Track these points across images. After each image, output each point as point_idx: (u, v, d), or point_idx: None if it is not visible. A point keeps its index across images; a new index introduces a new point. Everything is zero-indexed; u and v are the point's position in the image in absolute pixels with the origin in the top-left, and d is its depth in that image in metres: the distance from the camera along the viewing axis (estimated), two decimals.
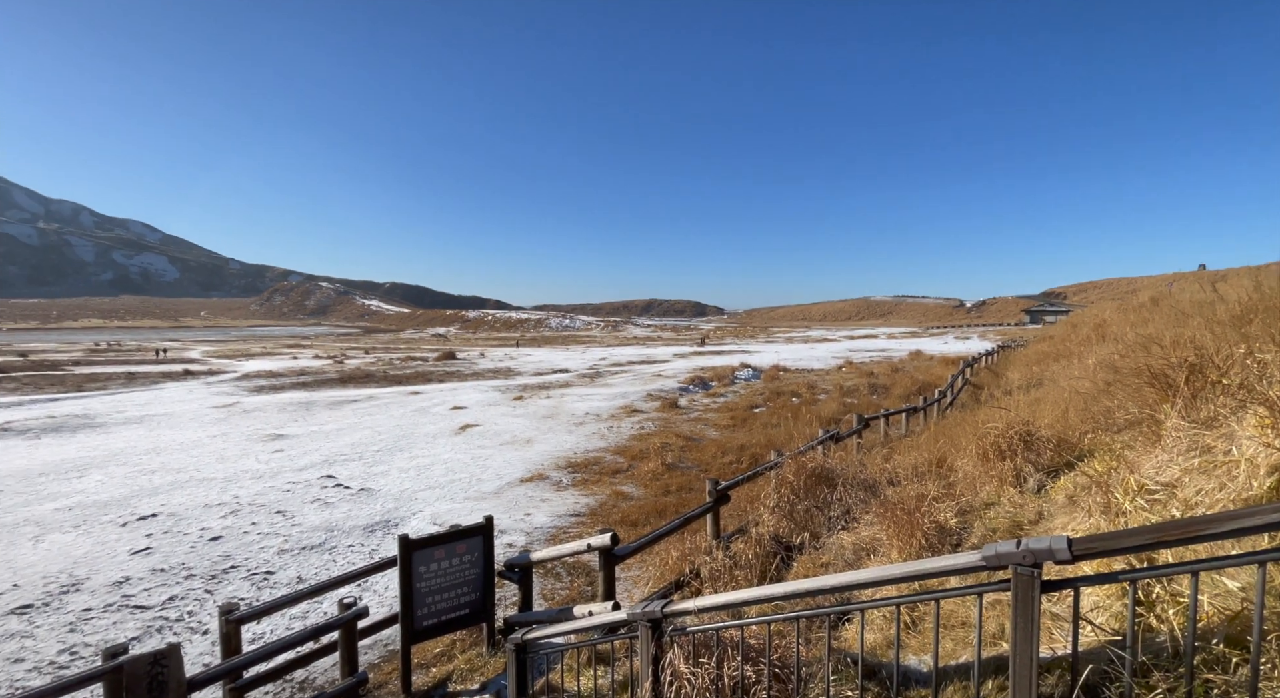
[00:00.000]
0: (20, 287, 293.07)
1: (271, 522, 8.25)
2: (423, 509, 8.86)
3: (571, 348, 60.32)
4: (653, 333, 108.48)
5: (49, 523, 8.19)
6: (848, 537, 5.11)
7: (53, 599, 5.97)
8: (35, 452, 12.95)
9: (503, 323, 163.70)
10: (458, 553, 4.75)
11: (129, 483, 10.26)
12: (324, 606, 5.91)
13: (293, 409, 18.94)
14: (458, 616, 4.73)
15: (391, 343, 77.74)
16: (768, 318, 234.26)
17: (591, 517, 8.46)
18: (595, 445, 12.86)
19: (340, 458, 12.05)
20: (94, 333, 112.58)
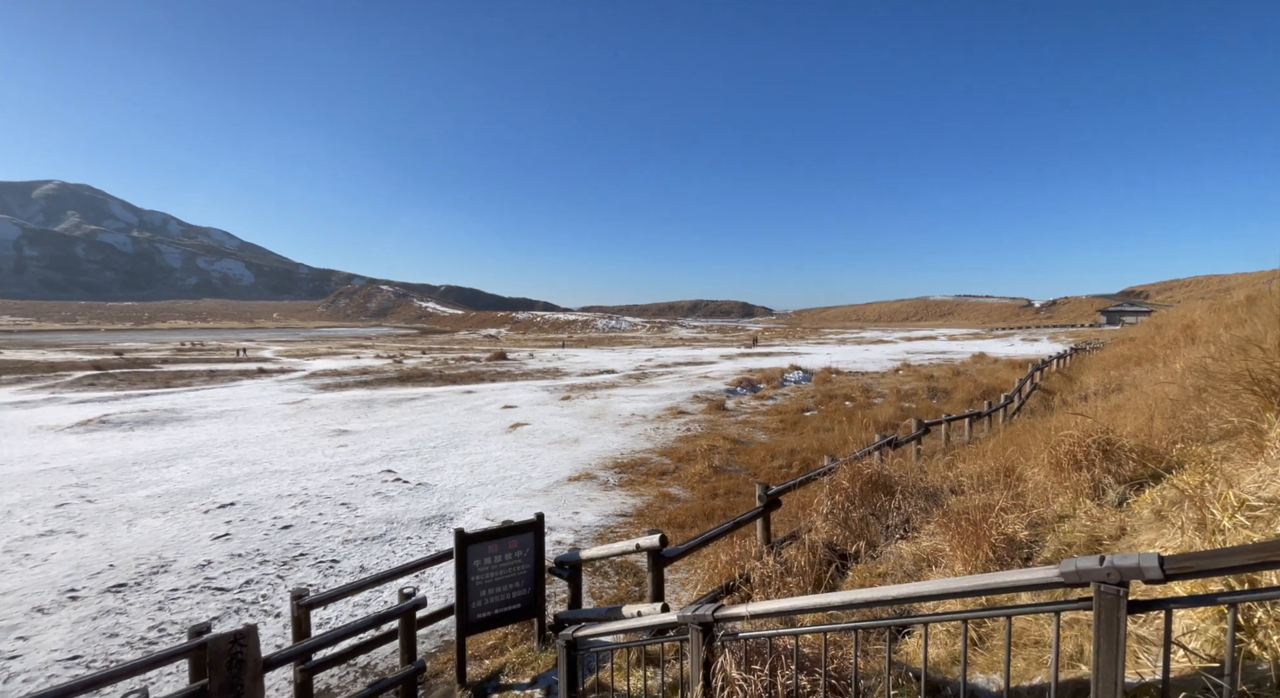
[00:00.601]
0: (116, 291, 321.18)
1: (336, 513, 8.69)
2: (476, 505, 9.12)
3: (617, 349, 60.77)
4: (698, 334, 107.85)
5: (141, 509, 8.91)
6: (907, 547, 4.91)
7: (144, 579, 6.49)
8: (129, 443, 14.14)
9: (551, 324, 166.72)
10: (510, 549, 4.85)
11: (210, 473, 11.04)
12: (384, 595, 6.17)
13: (356, 406, 19.90)
14: (510, 610, 4.83)
15: (446, 343, 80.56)
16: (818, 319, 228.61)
17: (638, 517, 8.48)
18: (641, 446, 12.89)
19: (399, 453, 12.56)
20: (180, 333, 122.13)
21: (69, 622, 5.56)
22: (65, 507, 8.96)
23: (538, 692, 4.28)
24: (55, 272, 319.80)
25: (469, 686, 4.45)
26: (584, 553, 5.00)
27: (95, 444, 13.99)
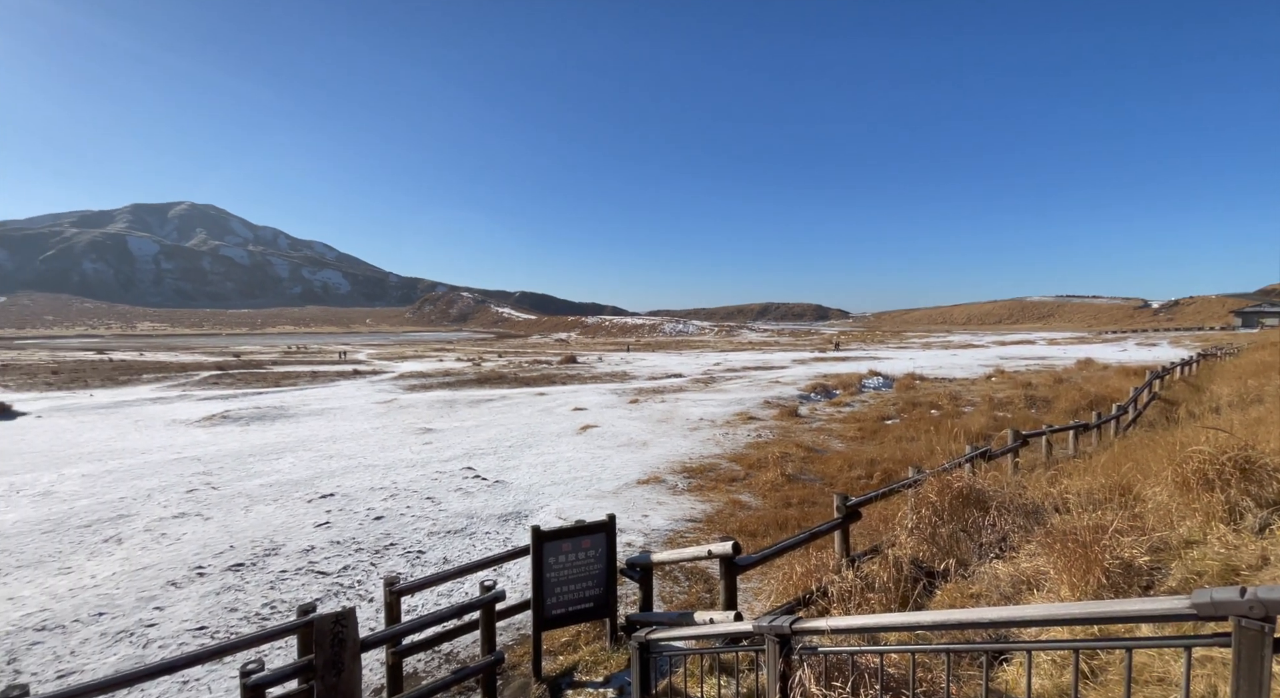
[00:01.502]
0: (235, 299, 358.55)
1: (422, 506, 9.22)
2: (549, 504, 9.38)
3: (685, 353, 60.59)
4: (769, 338, 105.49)
5: (255, 496, 9.86)
6: (1003, 567, 4.56)
7: (258, 560, 7.17)
8: (245, 436, 15.70)
9: (619, 328, 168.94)
10: (583, 548, 4.95)
11: (313, 466, 12.05)
12: (465, 586, 6.47)
13: (439, 406, 21.06)
14: (583, 608, 4.93)
15: (520, 347, 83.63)
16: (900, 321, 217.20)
17: (708, 523, 8.39)
18: (710, 451, 12.76)
19: (478, 452, 13.15)
20: (287, 337, 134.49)
21: (196, 596, 6.24)
22: (194, 492, 10.08)
23: (610, 692, 4.33)
24: (186, 282, 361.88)
25: (544, 680, 4.57)
26: (655, 556, 5.01)
27: (218, 437, 15.65)
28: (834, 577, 4.86)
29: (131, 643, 5.31)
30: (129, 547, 7.61)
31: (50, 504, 9.44)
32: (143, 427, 17.36)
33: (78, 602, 6.04)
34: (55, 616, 5.75)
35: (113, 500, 9.58)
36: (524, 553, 5.16)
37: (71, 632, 5.47)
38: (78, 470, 11.75)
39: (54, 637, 5.39)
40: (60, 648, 5.22)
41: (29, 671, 4.88)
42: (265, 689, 3.08)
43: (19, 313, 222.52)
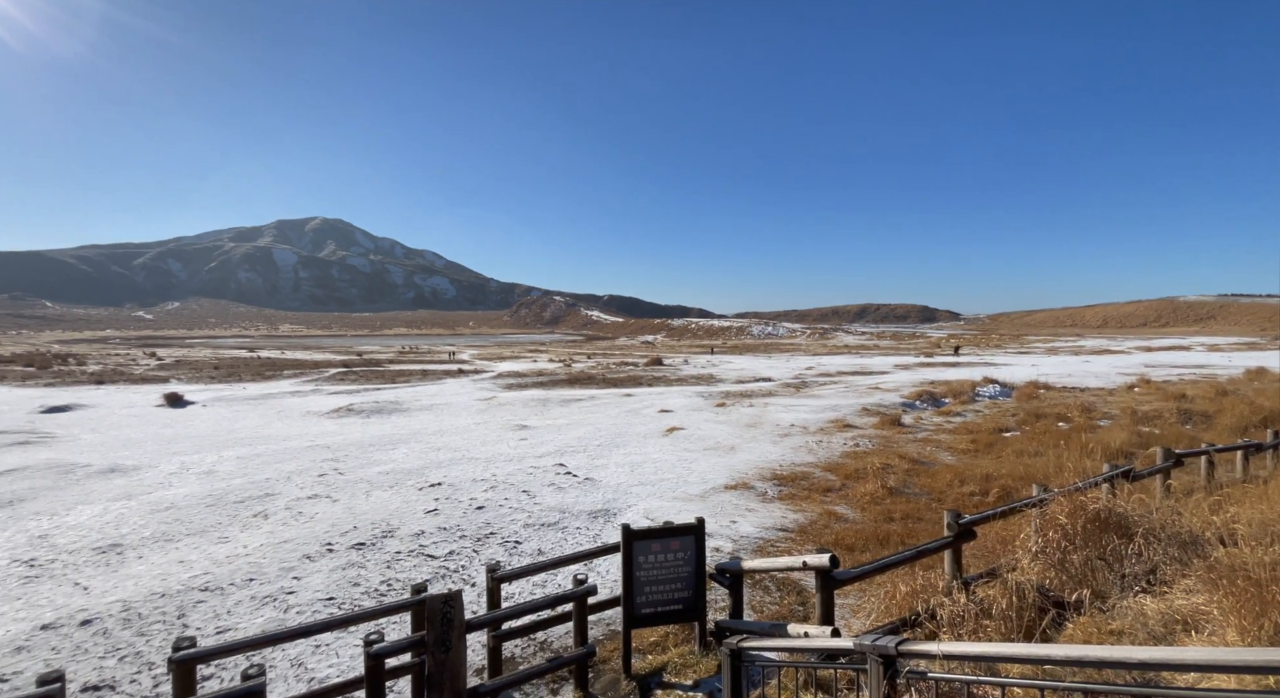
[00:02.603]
0: (357, 304, 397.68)
1: (519, 499, 9.67)
2: (636, 503, 9.48)
3: (774, 356, 58.91)
4: (867, 341, 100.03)
5: (375, 482, 10.84)
6: (1152, 603, 3.99)
7: (377, 541, 7.86)
8: (366, 428, 17.32)
9: (705, 331, 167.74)
10: (672, 549, 4.95)
11: (423, 456, 13.04)
12: (558, 578, 6.70)
13: (533, 404, 22.04)
14: (671, 610, 4.92)
15: (608, 349, 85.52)
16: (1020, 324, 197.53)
17: (800, 534, 8.08)
18: (803, 459, 12.29)
19: (569, 449, 13.59)
20: (401, 338, 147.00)
21: (326, 569, 6.96)
22: (324, 476, 11.27)
23: (700, 696, 4.28)
24: (318, 289, 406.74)
25: (634, 677, 4.61)
26: (746, 563, 4.90)
27: (343, 427, 17.41)
28: (943, 599, 4.49)
29: (274, 607, 6.02)
30: (273, 522, 8.65)
31: (212, 482, 10.96)
32: (283, 416, 19.70)
33: (233, 568, 6.95)
34: (215, 579, 6.66)
35: (260, 480, 10.94)
36: (614, 550, 5.25)
37: (228, 594, 6.31)
38: (233, 453, 13.55)
39: (214, 597, 6.24)
40: (219, 607, 6.03)
41: (194, 625, 5.67)
42: (385, 659, 3.36)
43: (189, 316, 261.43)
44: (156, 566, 7.08)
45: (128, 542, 7.85)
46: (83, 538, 7.98)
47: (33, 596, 6.28)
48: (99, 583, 6.60)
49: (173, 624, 5.66)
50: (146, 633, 5.49)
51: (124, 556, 7.42)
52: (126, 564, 7.14)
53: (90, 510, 9.21)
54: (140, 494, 10.14)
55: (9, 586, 6.51)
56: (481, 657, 4.97)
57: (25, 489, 10.40)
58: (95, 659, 5.06)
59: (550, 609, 5.22)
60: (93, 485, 10.80)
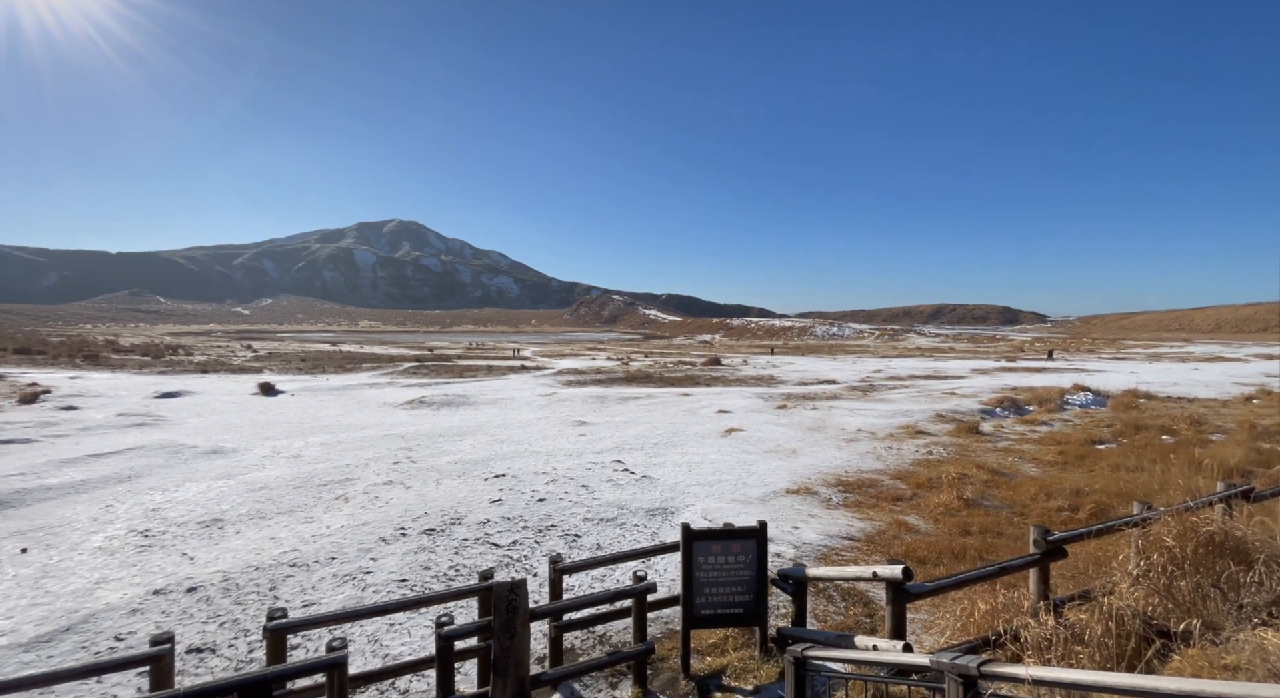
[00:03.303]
0: (429, 302, 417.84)
1: (578, 493, 9.84)
2: (694, 504, 9.41)
3: (839, 358, 56.94)
4: (941, 343, 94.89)
5: (444, 472, 11.33)
6: (1274, 638, 3.53)
7: (445, 528, 8.21)
8: (436, 419, 18.15)
9: (765, 331, 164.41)
10: (733, 552, 4.87)
11: (488, 449, 13.52)
12: (616, 573, 6.75)
13: (591, 401, 22.36)
14: (731, 613, 4.84)
15: (665, 348, 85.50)
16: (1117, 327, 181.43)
17: (867, 543, 7.76)
18: (870, 466, 11.80)
19: (627, 446, 13.69)
20: (469, 335, 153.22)
21: (399, 552, 7.33)
22: (398, 464, 11.89)
23: None
24: (394, 288, 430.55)
25: (692, 677, 4.58)
26: (811, 571, 4.75)
27: (416, 418, 18.32)
28: (1028, 621, 4.18)
29: (354, 585, 6.41)
30: (352, 506, 9.22)
31: (299, 465, 11.81)
32: (362, 407, 20.98)
33: (317, 546, 7.46)
34: (301, 555, 7.16)
35: (341, 466, 11.69)
36: (672, 549, 5.23)
37: (312, 570, 6.77)
38: (318, 440, 14.56)
39: (300, 572, 6.71)
40: (305, 582, 6.48)
41: (284, 597, 6.12)
42: (454, 641, 3.50)
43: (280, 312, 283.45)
44: (251, 541, 7.71)
45: (227, 518, 8.59)
46: (189, 513, 8.81)
47: (146, 563, 6.99)
48: (202, 554, 7.26)
49: (265, 595, 6.14)
50: (243, 602, 5.99)
51: (224, 530, 8.13)
52: (226, 538, 7.82)
53: (195, 488, 10.15)
54: (238, 475, 11.08)
55: (127, 553, 7.27)
56: (543, 646, 5.08)
57: (142, 466, 11.60)
58: (199, 624, 5.56)
59: (609, 604, 5.27)
60: (198, 465, 11.91)
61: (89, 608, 5.77)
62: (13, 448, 12.94)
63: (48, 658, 4.96)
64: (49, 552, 7.29)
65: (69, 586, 6.33)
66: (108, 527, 8.18)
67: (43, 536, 7.83)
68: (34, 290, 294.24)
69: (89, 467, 11.36)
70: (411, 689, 4.63)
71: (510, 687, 3.59)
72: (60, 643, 5.17)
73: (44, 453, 12.47)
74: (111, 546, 7.50)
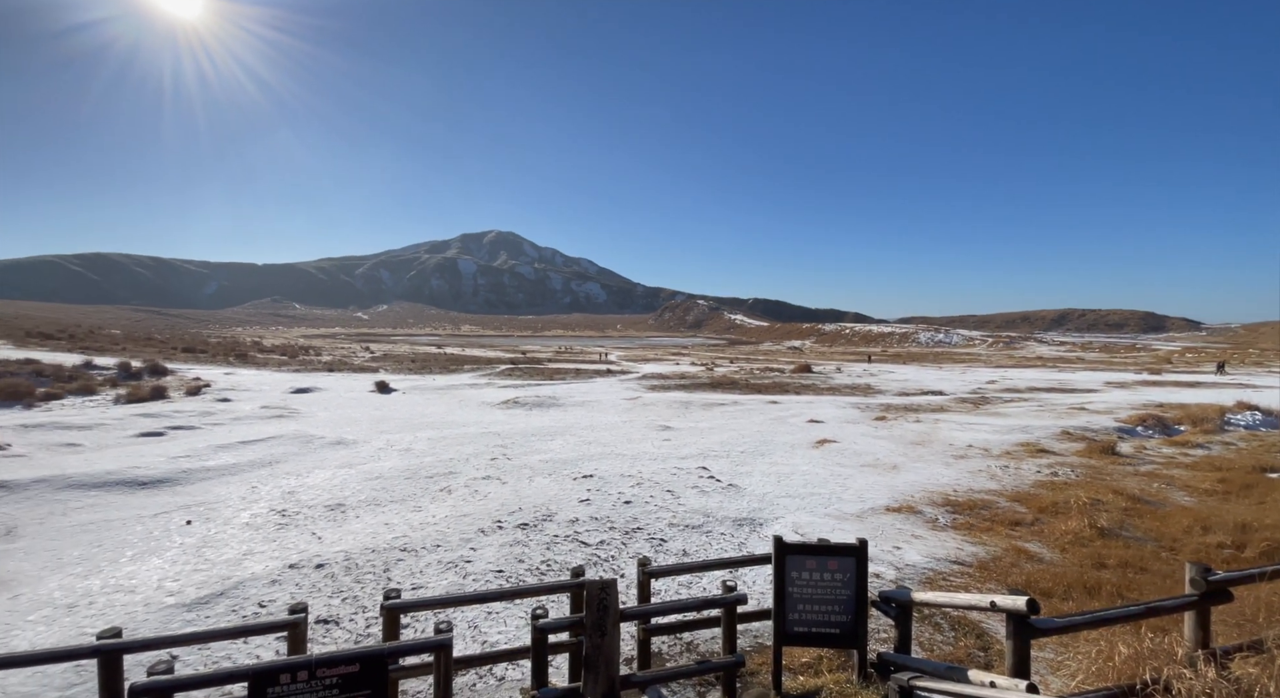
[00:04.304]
0: (523, 308, 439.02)
1: (663, 498, 9.84)
2: (784, 516, 9.09)
3: (946, 367, 52.85)
4: (1067, 352, 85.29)
5: (536, 469, 11.79)
6: None
7: (538, 523, 8.52)
8: (529, 419, 18.96)
9: (861, 337, 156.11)
10: (829, 569, 4.63)
11: (576, 449, 13.90)
12: (702, 582, 6.67)
13: (676, 406, 22.35)
14: (827, 633, 4.61)
15: (751, 354, 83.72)
16: None
17: (980, 570, 7.09)
18: (982, 485, 10.81)
19: (712, 453, 13.52)
20: (558, 339, 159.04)
21: (496, 544, 7.71)
22: (495, 460, 12.54)
23: None
24: (492, 294, 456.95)
25: (784, 695, 4.40)
26: (917, 595, 4.41)
27: (511, 417, 19.25)
28: (1182, 671, 3.62)
29: (456, 572, 6.82)
30: (455, 498, 9.83)
31: (409, 458, 12.79)
32: (463, 405, 22.38)
33: (424, 534, 8.02)
34: (411, 542, 7.73)
35: (445, 460, 12.52)
36: (762, 562, 5.07)
37: (420, 556, 7.28)
38: (425, 435, 15.70)
39: (410, 557, 7.25)
40: (414, 566, 6.98)
41: (396, 579, 6.64)
42: (548, 634, 3.61)
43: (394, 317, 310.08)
44: (368, 525, 8.44)
45: (348, 503, 9.48)
46: (317, 497, 9.81)
47: (283, 540, 7.86)
48: (328, 534, 8.05)
49: (379, 576, 6.69)
50: (361, 581, 6.56)
51: (346, 514, 8.97)
52: (347, 521, 8.63)
53: (323, 474, 11.30)
54: (357, 464, 12.20)
55: (268, 530, 8.22)
56: (630, 647, 5.11)
57: (280, 454, 13.09)
58: (325, 597, 6.16)
59: (696, 611, 5.20)
60: (325, 454, 13.25)
61: (238, 576, 6.59)
62: (181, 433, 15.11)
63: (205, 618, 5.71)
64: (208, 525, 8.41)
65: (223, 555, 7.26)
66: (253, 505, 9.31)
67: (203, 510, 9.06)
68: (199, 297, 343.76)
69: (238, 452, 13.00)
70: (507, 677, 4.83)
71: (601, 684, 3.63)
72: (215, 605, 5.94)
73: (205, 439, 14.45)
74: (256, 522, 8.52)
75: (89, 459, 11.78)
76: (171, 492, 10.00)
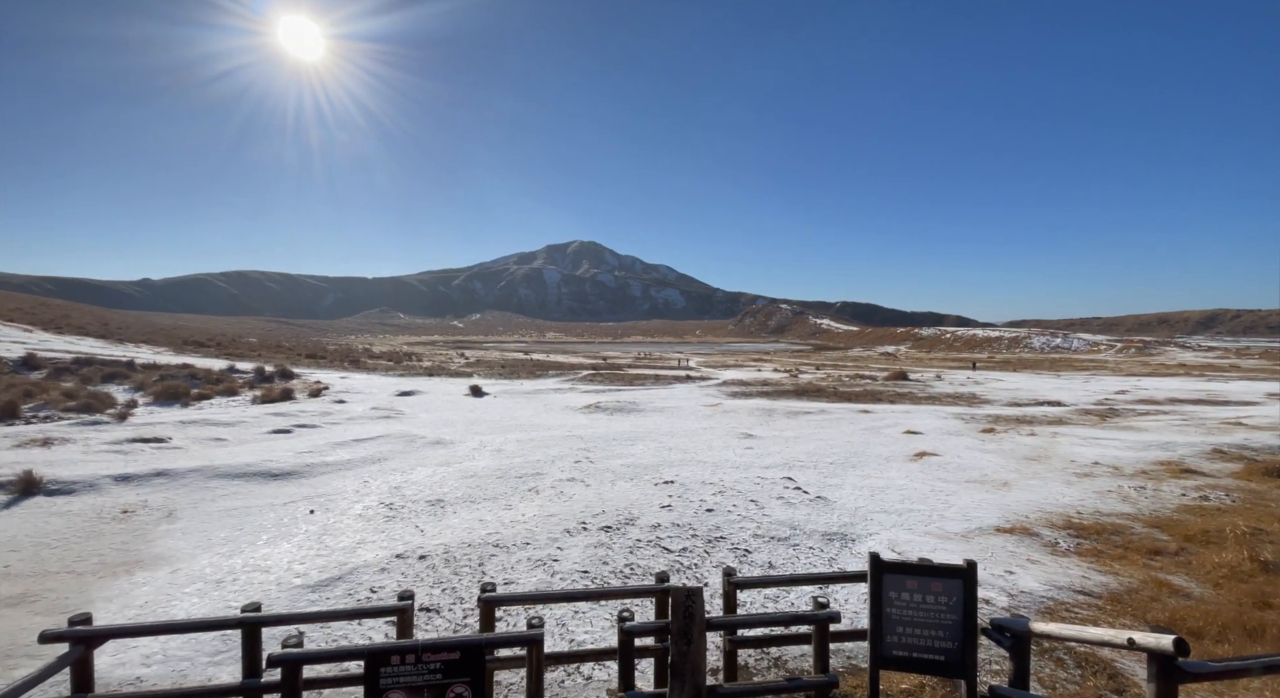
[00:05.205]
0: (604, 314, 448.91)
1: (747, 508, 9.62)
2: (879, 532, 8.59)
3: (1064, 375, 47.79)
4: (1217, 358, 74.31)
5: (618, 473, 11.96)
6: None
7: (620, 527, 8.63)
8: (610, 424, 19.28)
9: (963, 342, 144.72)
10: (932, 591, 4.31)
11: (656, 455, 13.95)
12: (790, 596, 6.43)
13: (758, 414, 21.83)
14: (930, 659, 4.28)
15: (839, 360, 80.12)
16: None
17: (1112, 602, 6.31)
18: (1113, 508, 9.64)
19: (797, 463, 13.05)
20: (637, 346, 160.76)
21: (581, 545, 7.89)
22: (579, 463, 12.86)
23: None
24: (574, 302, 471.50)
25: None
26: (1037, 626, 3.99)
27: (593, 422, 19.68)
28: None
29: (544, 570, 7.05)
30: (542, 498, 10.19)
31: (500, 458, 13.43)
32: (548, 409, 23.19)
33: (514, 532, 8.37)
34: (503, 538, 8.09)
35: (532, 461, 13.02)
36: (856, 579, 4.81)
37: (511, 552, 7.61)
38: (514, 436, 16.42)
39: (502, 553, 7.59)
40: (505, 562, 7.30)
41: (490, 573, 6.97)
42: (635, 637, 3.63)
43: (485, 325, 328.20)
44: (465, 521, 8.94)
45: (447, 499, 10.09)
46: (419, 492, 10.54)
47: (390, 531, 8.50)
48: (429, 528, 8.61)
49: (475, 569, 7.05)
50: (459, 573, 6.96)
51: (444, 509, 9.56)
52: (446, 517, 9.19)
53: (424, 472, 12.12)
54: (454, 463, 12.98)
55: (377, 522, 8.92)
56: (715, 658, 5.03)
57: (387, 451, 14.20)
58: (427, 587, 6.58)
59: (784, 627, 5.03)
60: (426, 453, 14.22)
61: (352, 563, 7.20)
62: (304, 431, 16.82)
63: (325, 599, 6.29)
64: (327, 514, 9.28)
65: (340, 543, 7.98)
66: (365, 498, 10.16)
67: (323, 501, 10.01)
68: (319, 308, 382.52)
69: (352, 449, 14.25)
70: (594, 677, 4.91)
71: (687, 692, 3.60)
72: (334, 588, 6.52)
73: (324, 436, 15.98)
74: (367, 514, 9.29)
75: (232, 452, 13.41)
76: (297, 484, 11.13)
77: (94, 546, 7.81)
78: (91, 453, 12.57)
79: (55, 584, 6.61)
